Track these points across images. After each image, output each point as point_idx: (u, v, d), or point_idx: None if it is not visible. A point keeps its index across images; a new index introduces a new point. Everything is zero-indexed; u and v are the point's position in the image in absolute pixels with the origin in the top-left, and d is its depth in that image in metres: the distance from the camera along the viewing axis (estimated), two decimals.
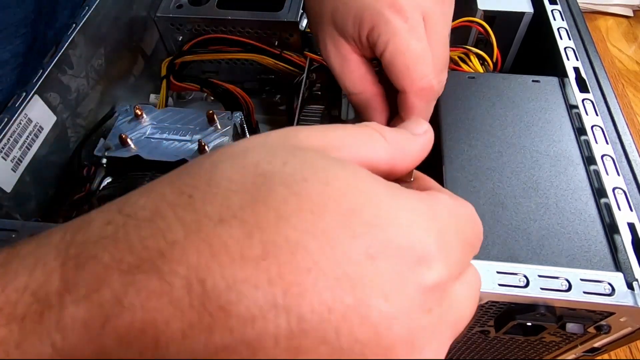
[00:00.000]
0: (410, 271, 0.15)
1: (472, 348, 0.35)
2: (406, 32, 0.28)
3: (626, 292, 0.24)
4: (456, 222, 0.18)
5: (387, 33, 0.28)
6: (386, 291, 0.15)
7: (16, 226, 0.28)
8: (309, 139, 0.18)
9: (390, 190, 0.17)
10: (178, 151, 0.35)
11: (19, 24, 0.35)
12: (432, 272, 0.16)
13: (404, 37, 0.28)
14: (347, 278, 0.14)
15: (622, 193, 0.29)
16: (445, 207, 0.18)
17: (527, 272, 0.25)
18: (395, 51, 0.28)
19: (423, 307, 0.16)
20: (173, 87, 0.50)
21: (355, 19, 0.28)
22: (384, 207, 0.16)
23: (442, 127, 0.33)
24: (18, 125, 0.34)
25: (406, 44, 0.28)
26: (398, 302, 0.15)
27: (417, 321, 0.15)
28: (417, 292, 0.15)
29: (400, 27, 0.28)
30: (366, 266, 0.15)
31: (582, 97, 0.34)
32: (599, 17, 0.80)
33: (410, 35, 0.28)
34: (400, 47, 0.28)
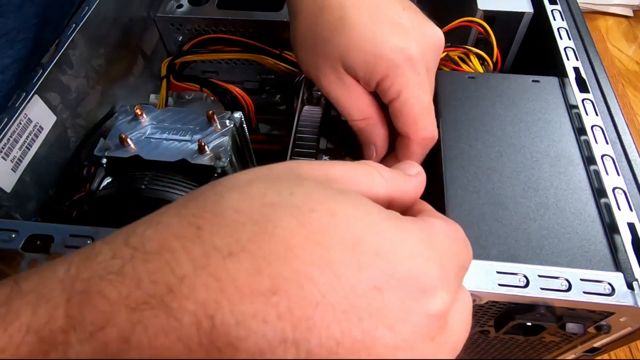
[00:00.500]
0: (415, 301, 0.16)
1: (472, 348, 0.35)
2: (416, 85, 0.30)
3: (626, 292, 0.24)
4: (453, 248, 0.18)
5: (399, 84, 0.30)
6: (392, 322, 0.15)
7: (16, 226, 0.28)
8: (311, 171, 0.19)
9: (392, 221, 0.17)
10: (178, 151, 0.35)
11: (19, 29, 0.35)
12: (436, 301, 0.16)
13: (415, 90, 0.30)
14: (354, 310, 0.15)
15: (622, 193, 0.29)
16: (442, 234, 0.18)
17: (527, 272, 0.25)
18: (406, 102, 0.30)
19: (427, 336, 0.16)
20: (173, 87, 0.50)
21: (369, 65, 0.30)
22: (388, 238, 0.16)
23: (442, 127, 0.33)
24: (18, 125, 0.34)
25: (416, 96, 0.30)
26: (403, 332, 0.15)
27: (421, 350, 0.16)
28: (421, 322, 0.16)
29: (412, 79, 0.30)
30: (372, 298, 0.15)
31: (582, 97, 0.34)
32: (599, 17, 0.80)
33: (419, 88, 0.30)
34: (411, 99, 0.30)
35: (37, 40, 0.37)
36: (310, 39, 0.32)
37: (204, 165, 0.34)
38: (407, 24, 0.31)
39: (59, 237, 0.27)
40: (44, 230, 0.28)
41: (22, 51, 0.36)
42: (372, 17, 0.30)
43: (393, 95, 0.30)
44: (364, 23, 0.30)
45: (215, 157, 0.34)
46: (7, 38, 0.35)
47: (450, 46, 0.41)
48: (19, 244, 0.27)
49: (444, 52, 0.41)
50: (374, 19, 0.30)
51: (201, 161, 0.34)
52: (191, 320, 0.14)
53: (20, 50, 0.36)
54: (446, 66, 0.42)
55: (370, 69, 0.30)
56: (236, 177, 0.18)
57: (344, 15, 0.30)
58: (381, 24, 0.30)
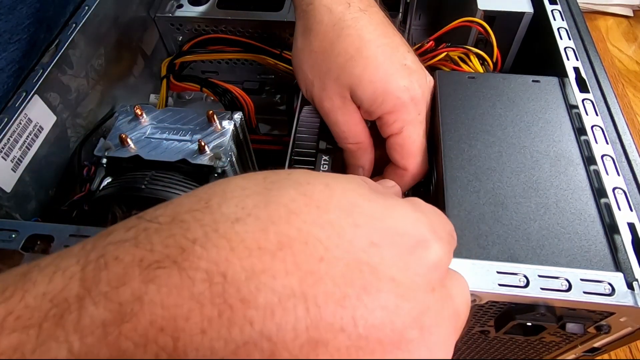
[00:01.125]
0: (411, 254, 0.17)
1: (472, 348, 0.35)
2: (418, 123, 0.33)
3: (626, 292, 0.24)
4: (439, 217, 0.20)
5: (403, 121, 0.32)
6: (392, 273, 0.16)
7: (16, 226, 0.28)
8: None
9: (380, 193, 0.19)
10: (178, 151, 0.35)
11: (12, 31, 0.35)
12: (430, 252, 0.18)
13: (417, 128, 0.33)
14: (355, 264, 0.16)
15: (622, 193, 0.29)
16: (427, 206, 0.20)
17: (527, 272, 0.25)
18: (408, 138, 0.33)
19: (427, 287, 0.17)
20: (173, 87, 0.50)
21: (377, 99, 0.32)
22: (380, 204, 0.18)
23: (442, 127, 0.33)
24: (18, 125, 0.34)
25: (417, 134, 0.33)
26: (404, 282, 0.16)
27: (423, 300, 0.17)
28: (419, 272, 0.17)
29: (415, 118, 0.33)
30: (371, 253, 0.16)
31: (582, 97, 0.34)
32: (599, 17, 0.80)
33: (420, 126, 0.33)
34: (412, 136, 0.33)
35: (31, 41, 0.37)
36: (322, 62, 0.33)
37: (204, 165, 0.34)
38: (412, 66, 0.34)
39: (59, 237, 0.27)
40: (44, 230, 0.28)
41: (16, 53, 0.36)
42: (385, 55, 0.33)
43: (395, 130, 0.33)
44: (379, 60, 0.32)
45: (215, 157, 0.34)
46: (0, 40, 0.35)
47: (450, 46, 0.41)
48: (19, 244, 0.27)
49: (444, 52, 0.41)
50: (387, 57, 0.33)
51: (201, 161, 0.34)
52: (203, 278, 0.14)
53: (15, 52, 0.36)
54: (446, 66, 0.42)
55: (378, 102, 0.32)
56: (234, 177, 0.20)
57: (361, 47, 0.32)
58: (392, 63, 0.33)
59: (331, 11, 0.33)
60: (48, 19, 0.39)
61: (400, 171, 0.34)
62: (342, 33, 0.32)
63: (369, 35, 0.33)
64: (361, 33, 0.32)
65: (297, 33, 0.35)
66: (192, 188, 0.34)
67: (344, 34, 0.32)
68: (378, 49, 0.32)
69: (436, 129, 0.34)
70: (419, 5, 0.56)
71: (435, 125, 0.35)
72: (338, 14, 0.33)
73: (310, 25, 0.33)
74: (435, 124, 0.35)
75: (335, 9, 0.33)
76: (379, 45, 0.33)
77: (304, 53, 0.34)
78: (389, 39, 0.33)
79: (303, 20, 0.34)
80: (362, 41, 0.32)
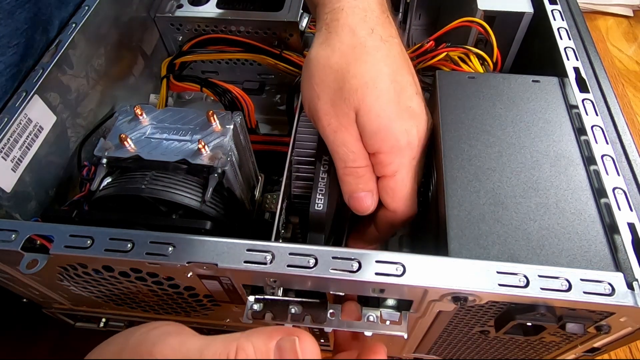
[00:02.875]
0: None
1: (472, 348, 0.35)
2: (412, 168, 0.34)
3: (626, 292, 0.24)
4: None
5: (398, 165, 0.33)
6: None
7: (16, 226, 0.28)
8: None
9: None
10: (178, 151, 0.34)
11: (10, 35, 0.36)
12: None
13: (409, 172, 0.34)
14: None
15: (622, 193, 0.29)
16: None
17: (527, 272, 0.25)
18: (400, 182, 0.33)
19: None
20: (173, 87, 0.50)
21: (379, 133, 0.32)
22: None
23: (442, 127, 0.33)
24: (18, 125, 0.34)
25: (409, 178, 0.34)
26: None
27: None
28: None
29: (409, 162, 0.33)
30: None
31: (582, 97, 0.34)
32: (599, 17, 0.80)
33: (413, 171, 0.34)
34: (405, 180, 0.33)
35: (28, 44, 0.37)
36: (335, 79, 0.33)
37: (204, 165, 0.34)
38: (416, 109, 0.34)
39: (59, 237, 0.27)
40: (44, 230, 0.28)
41: (14, 56, 0.36)
42: (396, 92, 0.33)
43: (389, 172, 0.33)
44: (390, 96, 0.32)
45: (215, 157, 0.34)
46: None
47: (450, 46, 0.41)
48: (19, 244, 0.27)
49: (444, 51, 0.41)
50: (397, 95, 0.33)
51: (201, 161, 0.34)
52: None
53: (13, 56, 0.36)
54: (446, 66, 0.42)
55: (379, 137, 0.32)
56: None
57: (377, 78, 0.32)
58: (399, 103, 0.33)
59: (354, 34, 0.33)
60: (45, 22, 0.39)
61: (390, 213, 0.35)
62: (361, 58, 0.33)
63: (385, 68, 0.33)
64: (379, 63, 0.33)
65: (315, 43, 0.35)
66: (192, 188, 0.34)
67: (362, 59, 0.32)
68: (391, 85, 0.33)
69: (436, 129, 0.34)
70: (419, 5, 0.56)
71: (435, 125, 0.35)
72: (360, 38, 0.33)
73: (331, 41, 0.33)
74: (435, 124, 0.35)
75: (358, 32, 0.33)
76: (392, 81, 0.33)
77: (318, 65, 0.34)
78: (401, 76, 0.34)
79: (324, 33, 0.34)
80: (378, 72, 0.32)
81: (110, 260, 0.27)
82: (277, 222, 0.34)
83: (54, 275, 0.31)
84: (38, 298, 0.38)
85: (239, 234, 0.39)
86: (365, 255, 0.26)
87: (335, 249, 0.26)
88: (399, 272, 0.25)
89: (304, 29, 0.50)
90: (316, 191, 0.34)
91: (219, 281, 0.28)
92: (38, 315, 0.41)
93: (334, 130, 0.33)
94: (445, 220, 0.29)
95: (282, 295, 0.28)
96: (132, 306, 0.37)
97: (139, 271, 0.29)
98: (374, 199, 0.34)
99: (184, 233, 0.27)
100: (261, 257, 0.26)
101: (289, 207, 0.37)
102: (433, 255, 0.26)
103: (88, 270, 0.30)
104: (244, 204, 0.39)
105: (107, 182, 0.35)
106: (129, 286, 0.32)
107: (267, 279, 0.27)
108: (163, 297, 0.33)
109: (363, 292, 0.27)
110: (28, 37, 0.37)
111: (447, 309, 0.27)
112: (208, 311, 0.35)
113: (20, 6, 0.36)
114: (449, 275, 0.25)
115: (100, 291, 0.34)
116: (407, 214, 0.35)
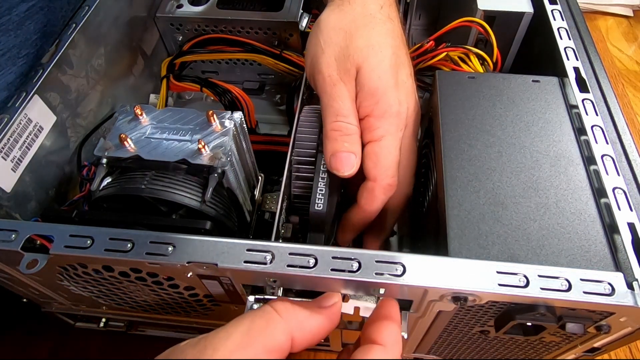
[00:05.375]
0: None
1: (472, 348, 0.35)
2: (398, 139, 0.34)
3: (626, 292, 0.24)
4: None
5: (386, 130, 0.34)
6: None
7: (16, 226, 0.28)
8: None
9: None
10: (178, 151, 0.34)
11: (21, 45, 0.37)
12: None
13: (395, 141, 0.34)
14: None
15: (622, 193, 0.29)
16: None
17: (527, 272, 0.25)
18: (385, 148, 0.33)
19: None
20: (173, 87, 0.50)
21: (376, 94, 0.33)
22: None
23: (442, 127, 0.33)
24: (18, 125, 0.34)
25: (394, 147, 0.34)
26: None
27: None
28: None
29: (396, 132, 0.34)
30: None
31: (582, 97, 0.34)
32: (599, 17, 0.80)
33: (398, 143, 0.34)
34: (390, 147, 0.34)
35: (38, 54, 0.38)
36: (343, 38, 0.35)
37: (204, 165, 0.34)
38: (410, 87, 0.36)
39: (59, 237, 0.27)
40: (44, 230, 0.28)
41: (24, 66, 0.37)
42: (396, 64, 0.35)
43: (376, 137, 0.34)
44: (391, 64, 0.34)
45: (215, 157, 0.34)
46: (9, 55, 0.37)
47: (450, 46, 0.41)
48: (19, 244, 0.27)
49: (444, 51, 0.41)
50: (397, 66, 0.35)
51: (201, 161, 0.34)
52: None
53: (23, 66, 0.37)
54: (446, 66, 0.42)
55: (374, 99, 0.33)
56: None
57: (382, 44, 0.34)
58: (397, 75, 0.35)
59: (365, 6, 0.36)
60: (55, 33, 0.39)
61: (370, 184, 0.34)
62: (369, 25, 0.35)
63: (390, 40, 0.35)
64: (385, 34, 0.35)
65: (327, 9, 0.37)
66: (192, 188, 0.34)
67: (370, 26, 0.35)
68: (393, 56, 0.35)
69: (436, 129, 0.34)
70: (419, 5, 0.57)
71: (435, 125, 0.35)
72: (371, 11, 0.36)
73: (344, 8, 0.36)
74: (435, 124, 0.35)
75: (369, 5, 0.36)
76: (394, 53, 0.35)
77: (328, 25, 0.35)
78: (401, 54, 0.36)
79: (337, 3, 0.37)
80: (384, 41, 0.35)
81: (110, 260, 0.27)
82: (277, 222, 0.34)
83: (54, 275, 0.31)
84: (38, 298, 0.38)
85: (238, 234, 0.39)
86: (365, 255, 0.26)
87: (335, 249, 0.26)
88: (399, 272, 0.25)
89: (304, 29, 0.50)
90: (316, 191, 0.34)
91: (219, 281, 0.28)
92: (38, 315, 0.41)
93: (333, 83, 0.34)
94: (445, 220, 0.29)
95: (282, 295, 0.28)
96: (132, 306, 0.37)
97: (139, 271, 0.29)
98: (356, 161, 0.33)
99: (184, 233, 0.27)
100: (261, 257, 0.26)
101: (289, 207, 0.37)
102: (433, 255, 0.26)
103: (88, 270, 0.30)
104: (244, 204, 0.39)
105: (107, 182, 0.35)
106: (129, 286, 0.32)
107: (267, 279, 0.27)
108: (163, 297, 0.33)
109: (363, 292, 0.27)
110: (38, 47, 0.38)
111: (447, 309, 0.27)
112: (208, 311, 0.35)
113: (29, 17, 0.37)
114: (449, 275, 0.25)
115: (100, 291, 0.34)
116: (387, 184, 0.34)
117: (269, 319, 0.23)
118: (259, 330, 0.22)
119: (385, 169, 0.34)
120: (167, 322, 0.40)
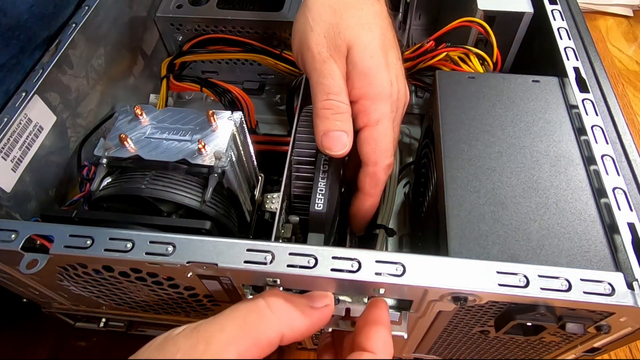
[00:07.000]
0: None
1: (472, 348, 0.35)
2: (391, 121, 0.34)
3: (626, 292, 0.24)
4: None
5: (381, 113, 0.33)
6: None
7: (16, 226, 0.28)
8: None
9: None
10: (178, 151, 0.34)
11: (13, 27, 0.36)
12: None
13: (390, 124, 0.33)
14: None
15: (622, 193, 0.29)
16: None
17: (527, 272, 0.25)
18: (383, 130, 0.33)
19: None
20: (173, 87, 0.50)
21: (368, 75, 0.33)
22: None
23: (442, 127, 0.33)
24: (18, 125, 0.34)
25: (390, 130, 0.33)
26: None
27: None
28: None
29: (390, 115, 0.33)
30: None
31: (582, 97, 0.34)
32: (599, 17, 0.80)
33: (392, 125, 0.34)
34: (387, 129, 0.33)
35: (29, 37, 0.37)
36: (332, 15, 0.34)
37: (204, 165, 0.34)
38: (399, 70, 0.36)
39: (59, 237, 0.27)
40: (44, 230, 0.28)
41: (15, 48, 0.36)
42: (385, 46, 0.34)
43: (373, 120, 0.33)
44: (382, 44, 0.34)
45: (215, 157, 0.34)
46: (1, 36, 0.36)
47: (450, 46, 0.41)
48: (19, 244, 0.27)
49: (444, 51, 0.41)
50: (387, 48, 0.34)
51: (201, 161, 0.34)
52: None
53: (14, 47, 0.36)
54: (446, 66, 0.42)
55: (367, 80, 0.33)
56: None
57: (372, 24, 0.34)
58: (387, 56, 0.34)
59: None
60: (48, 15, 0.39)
61: (371, 169, 0.34)
62: (358, 4, 0.34)
63: (380, 21, 0.35)
64: (375, 15, 0.35)
65: None
66: (192, 188, 0.34)
67: (359, 7, 0.34)
68: (382, 37, 0.34)
69: (436, 129, 0.34)
70: (419, 5, 0.56)
71: (435, 125, 0.35)
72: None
73: None
74: (435, 124, 0.35)
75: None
76: (382, 35, 0.34)
77: (317, 2, 0.35)
78: (390, 36, 0.35)
79: None
80: (374, 21, 0.34)
81: (110, 260, 0.27)
82: (277, 222, 0.34)
83: (54, 275, 0.31)
84: (38, 298, 0.38)
85: (238, 234, 0.39)
86: (365, 255, 0.26)
87: (335, 249, 0.26)
88: (399, 272, 0.25)
89: None
90: (316, 191, 0.34)
91: (219, 281, 0.28)
92: (38, 315, 0.41)
93: (323, 60, 0.33)
94: (445, 220, 0.29)
95: None
96: (132, 306, 0.37)
97: (139, 271, 0.29)
98: (348, 140, 0.33)
99: (184, 233, 0.27)
100: (261, 257, 0.26)
101: (289, 207, 0.37)
102: (433, 255, 0.26)
103: (88, 270, 0.30)
104: (244, 204, 0.39)
105: (107, 182, 0.35)
106: (129, 286, 0.32)
107: (267, 279, 0.27)
108: (163, 297, 0.33)
109: (364, 292, 0.27)
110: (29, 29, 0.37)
111: (447, 309, 0.27)
112: (208, 311, 0.35)
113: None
114: (449, 275, 0.25)
115: (100, 291, 0.34)
116: (387, 165, 0.34)
117: (262, 315, 0.23)
118: (252, 325, 0.23)
119: (384, 151, 0.33)
120: (167, 322, 0.40)
